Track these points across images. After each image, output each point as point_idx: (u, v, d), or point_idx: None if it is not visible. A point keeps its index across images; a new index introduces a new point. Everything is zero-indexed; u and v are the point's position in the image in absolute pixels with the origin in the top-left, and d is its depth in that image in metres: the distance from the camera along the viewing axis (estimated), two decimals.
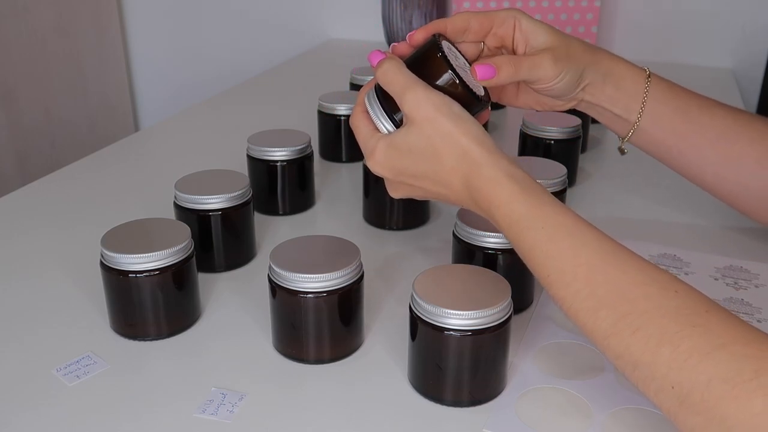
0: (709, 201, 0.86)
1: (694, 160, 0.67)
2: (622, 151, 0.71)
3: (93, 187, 0.89)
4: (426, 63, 0.55)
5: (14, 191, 0.88)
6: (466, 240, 0.61)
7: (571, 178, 0.87)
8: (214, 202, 0.67)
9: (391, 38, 1.53)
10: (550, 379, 0.54)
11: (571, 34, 0.64)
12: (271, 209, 0.81)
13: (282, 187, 0.79)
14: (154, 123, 1.38)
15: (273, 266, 0.55)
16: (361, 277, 0.56)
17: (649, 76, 0.66)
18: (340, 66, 1.31)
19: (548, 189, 0.71)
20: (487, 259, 0.61)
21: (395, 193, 0.57)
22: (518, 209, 0.49)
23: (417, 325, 0.51)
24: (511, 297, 0.51)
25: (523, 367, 0.56)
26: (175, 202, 0.68)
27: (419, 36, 0.58)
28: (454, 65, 0.55)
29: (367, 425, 0.50)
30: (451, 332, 0.49)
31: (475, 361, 0.50)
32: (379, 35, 1.59)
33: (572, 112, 0.94)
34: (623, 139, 0.68)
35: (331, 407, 0.52)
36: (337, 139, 0.94)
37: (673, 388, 0.41)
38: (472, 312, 0.49)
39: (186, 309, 0.60)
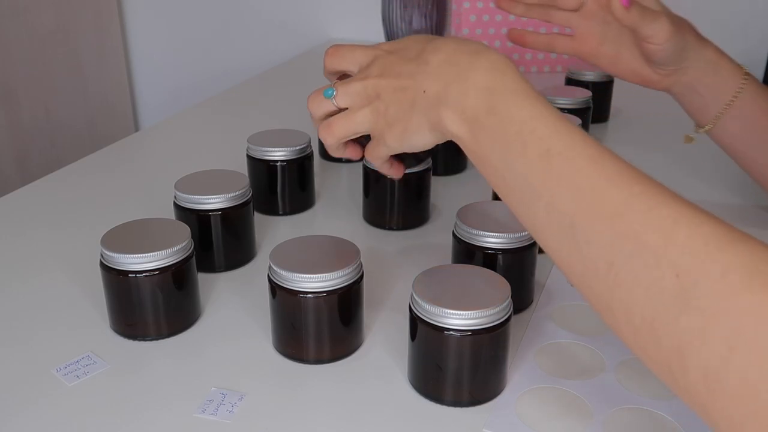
0: (711, 202, 0.86)
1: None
2: (689, 139, 0.73)
3: (93, 187, 0.89)
4: None
5: (14, 191, 0.88)
6: (466, 240, 0.61)
7: None
8: (214, 202, 0.67)
9: (391, 38, 1.53)
10: (550, 379, 0.54)
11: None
12: (271, 209, 0.81)
13: (282, 187, 0.79)
14: (154, 123, 1.38)
15: (273, 266, 0.54)
16: (361, 277, 0.56)
17: (746, 74, 0.68)
18: None
19: None
20: (487, 259, 0.61)
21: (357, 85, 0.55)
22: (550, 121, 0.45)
23: (417, 325, 0.51)
24: (511, 297, 0.51)
25: (523, 367, 0.56)
26: (175, 202, 0.68)
27: None
28: None
29: (367, 425, 0.50)
30: (451, 332, 0.49)
31: (475, 361, 0.50)
32: (379, 35, 1.59)
33: (575, 111, 0.95)
34: (701, 128, 0.71)
35: (331, 407, 0.52)
36: None
37: (678, 276, 0.35)
38: (472, 312, 0.49)
39: (186, 309, 0.60)
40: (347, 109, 0.56)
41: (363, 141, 0.59)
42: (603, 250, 0.39)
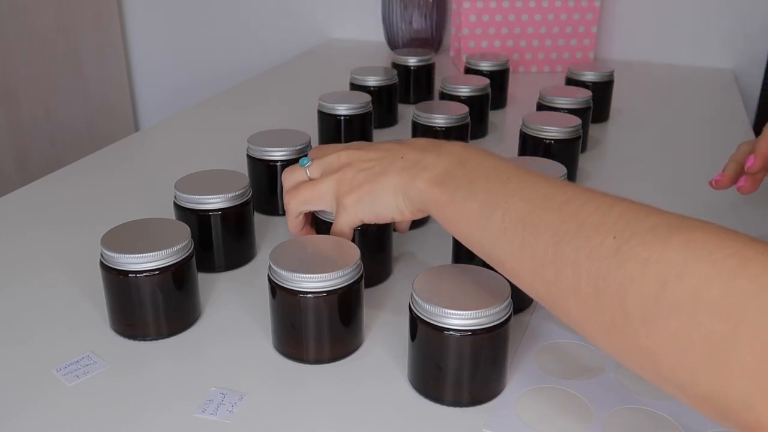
0: (709, 201, 0.86)
1: None
2: None
3: (93, 187, 0.89)
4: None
5: (14, 191, 0.88)
6: None
7: (571, 178, 0.87)
8: (214, 202, 0.67)
9: (390, 38, 1.53)
10: (550, 379, 0.54)
11: None
12: (271, 209, 0.81)
13: (282, 186, 0.79)
14: (154, 123, 1.38)
15: (273, 266, 0.54)
16: (361, 277, 0.56)
17: None
18: (340, 66, 1.31)
19: None
20: None
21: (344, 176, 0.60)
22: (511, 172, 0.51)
23: (417, 325, 0.51)
24: (511, 297, 0.51)
25: (523, 367, 0.56)
26: (175, 202, 0.68)
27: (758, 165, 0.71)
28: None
29: (367, 425, 0.50)
30: (451, 332, 0.49)
31: (475, 361, 0.50)
32: (379, 35, 1.59)
33: (575, 111, 0.95)
34: None
35: (331, 407, 0.52)
36: (338, 138, 0.94)
37: (615, 238, 0.40)
38: (472, 312, 0.49)
39: (186, 309, 0.60)
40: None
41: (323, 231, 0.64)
42: (550, 235, 0.44)
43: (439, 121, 0.89)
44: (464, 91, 1.03)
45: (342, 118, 0.93)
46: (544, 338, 0.59)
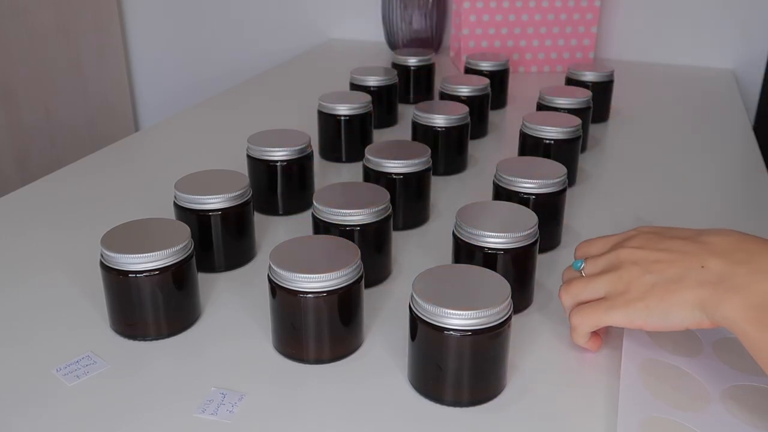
0: (708, 201, 0.86)
1: None
2: None
3: (93, 187, 0.89)
4: None
5: (14, 191, 0.88)
6: (466, 240, 0.61)
7: (571, 178, 0.87)
8: (214, 202, 0.67)
9: (391, 38, 1.53)
10: (665, 409, 0.50)
11: None
12: (270, 209, 0.81)
13: (282, 187, 0.79)
14: (154, 123, 1.38)
15: (273, 266, 0.54)
16: (361, 277, 0.56)
17: None
18: (340, 66, 1.31)
19: (548, 189, 0.71)
20: (487, 259, 0.61)
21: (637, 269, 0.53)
22: None
23: (417, 325, 0.51)
24: (511, 297, 0.51)
25: (633, 393, 0.51)
26: (175, 202, 0.68)
27: None
28: None
29: (367, 425, 0.50)
30: (451, 332, 0.49)
31: (475, 361, 0.50)
32: (379, 35, 1.59)
33: (575, 111, 0.95)
34: None
35: (331, 407, 0.52)
36: (337, 139, 0.94)
37: None
38: (472, 312, 0.49)
39: (186, 309, 0.60)
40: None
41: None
42: None
43: (439, 121, 0.89)
44: (464, 91, 1.03)
45: (342, 118, 0.93)
46: (639, 355, 0.55)
